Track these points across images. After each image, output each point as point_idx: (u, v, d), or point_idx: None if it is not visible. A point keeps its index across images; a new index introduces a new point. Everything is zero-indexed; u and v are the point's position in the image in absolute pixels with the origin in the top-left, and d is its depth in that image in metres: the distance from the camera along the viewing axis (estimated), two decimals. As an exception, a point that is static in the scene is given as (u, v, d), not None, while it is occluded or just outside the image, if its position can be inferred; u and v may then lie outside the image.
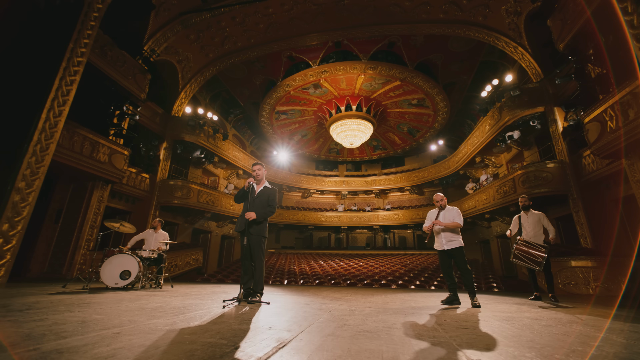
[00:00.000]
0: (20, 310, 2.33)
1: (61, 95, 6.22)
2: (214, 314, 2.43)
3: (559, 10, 7.15)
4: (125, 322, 1.98)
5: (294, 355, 1.31)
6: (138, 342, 1.45)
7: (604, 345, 1.59)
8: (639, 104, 5.32)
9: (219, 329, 1.79)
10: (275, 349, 1.38)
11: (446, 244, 3.85)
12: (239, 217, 3.65)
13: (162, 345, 1.40)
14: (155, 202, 11.34)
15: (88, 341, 1.45)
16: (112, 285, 4.72)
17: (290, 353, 1.34)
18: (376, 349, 1.42)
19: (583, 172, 8.35)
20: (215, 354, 1.28)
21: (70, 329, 1.70)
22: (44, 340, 1.45)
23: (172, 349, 1.33)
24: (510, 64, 12.24)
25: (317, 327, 1.98)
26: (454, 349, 1.46)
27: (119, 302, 3.10)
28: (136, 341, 1.46)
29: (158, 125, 11.90)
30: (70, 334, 1.58)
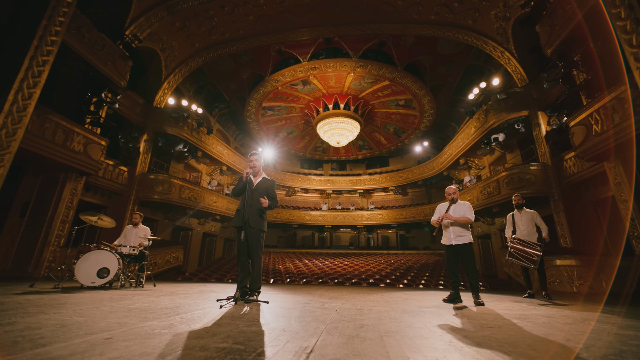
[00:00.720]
0: (-18, 312, 1.99)
1: (32, 76, 5.67)
2: (213, 314, 2.19)
3: (548, 16, 7.34)
4: (113, 325, 1.71)
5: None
6: (137, 349, 1.22)
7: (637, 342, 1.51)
8: (624, 109, 5.51)
9: (228, 332, 1.57)
10: (304, 355, 1.19)
11: (454, 238, 3.76)
12: (236, 212, 3.40)
13: (169, 353, 1.17)
14: (133, 196, 10.72)
15: (74, 349, 1.20)
16: (87, 284, 4.31)
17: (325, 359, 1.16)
18: (428, 355, 1.26)
19: (564, 175, 8.64)
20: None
21: (49, 335, 1.43)
22: (17, 349, 1.18)
23: (184, 358, 1.11)
24: (495, 69, 12.56)
25: (334, 327, 1.80)
26: (510, 350, 1.33)
27: (100, 302, 2.78)
28: (135, 348, 1.22)
29: (138, 116, 11.27)
30: (50, 341, 1.31)
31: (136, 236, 5.52)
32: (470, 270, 3.68)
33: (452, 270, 3.82)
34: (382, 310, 2.67)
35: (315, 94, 15.75)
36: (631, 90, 5.25)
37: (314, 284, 9.16)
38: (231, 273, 10.99)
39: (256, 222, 3.28)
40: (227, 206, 15.55)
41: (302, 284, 9.16)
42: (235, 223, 3.33)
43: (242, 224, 3.21)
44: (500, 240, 13.01)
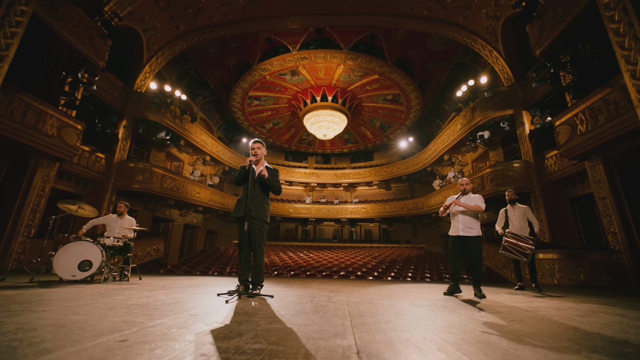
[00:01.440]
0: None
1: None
2: (223, 310, 2.05)
3: (538, 17, 7.50)
4: (120, 324, 1.54)
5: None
6: (164, 353, 1.07)
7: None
8: (609, 110, 5.75)
9: (254, 330, 1.44)
10: (355, 357, 1.09)
11: (462, 230, 3.74)
12: (237, 202, 3.22)
13: (206, 358, 1.03)
14: (111, 185, 10.14)
15: (90, 355, 1.03)
16: (67, 277, 4.00)
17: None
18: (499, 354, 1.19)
19: (545, 173, 9.00)
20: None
21: (50, 337, 1.25)
22: (19, 356, 1.01)
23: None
24: (482, 68, 12.83)
25: (360, 323, 1.71)
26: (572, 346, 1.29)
27: (90, 298, 2.55)
28: (161, 353, 1.08)
29: (117, 100, 10.60)
30: (55, 345, 1.14)
31: (121, 227, 5.19)
32: (476, 263, 3.69)
33: (454, 262, 3.82)
34: (393, 304, 2.62)
35: (304, 85, 15.48)
36: (617, 91, 5.47)
37: (302, 276, 9.09)
38: (215, 265, 10.71)
39: (259, 212, 3.12)
40: (210, 197, 15.12)
41: (289, 276, 9.07)
42: (236, 213, 3.15)
43: (244, 215, 3.05)
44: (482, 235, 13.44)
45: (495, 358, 1.10)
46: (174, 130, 12.18)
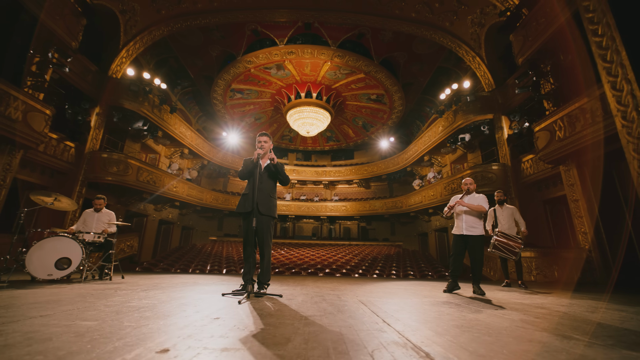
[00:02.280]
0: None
1: (-39, 20, 4.55)
2: (242, 312, 1.92)
3: (522, 27, 7.85)
4: (143, 329, 1.38)
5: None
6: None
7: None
8: (585, 118, 6.15)
9: (299, 334, 1.35)
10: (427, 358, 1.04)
11: (466, 229, 3.82)
12: (243, 197, 3.07)
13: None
14: (82, 177, 9.43)
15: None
16: (43, 277, 3.63)
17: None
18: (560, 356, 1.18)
19: (521, 175, 9.50)
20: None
21: (74, 349, 1.09)
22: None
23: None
24: (463, 72, 13.28)
25: (395, 320, 1.67)
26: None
27: (83, 300, 2.31)
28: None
29: (90, 85, 9.84)
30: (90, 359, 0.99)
31: (99, 222, 4.80)
32: (477, 261, 3.79)
33: (456, 260, 3.90)
34: (407, 302, 2.61)
35: (289, 80, 15.24)
36: (594, 101, 5.85)
37: (286, 274, 8.97)
38: (195, 263, 10.30)
39: (266, 207, 2.99)
40: (188, 192, 14.54)
41: (273, 274, 8.91)
42: (242, 209, 3.00)
43: (251, 210, 2.91)
44: (456, 234, 13.98)
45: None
46: (152, 120, 11.53)
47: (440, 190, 12.85)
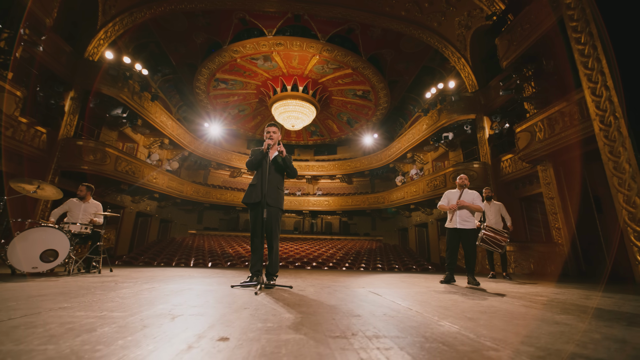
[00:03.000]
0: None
1: None
2: (269, 303, 1.91)
3: (507, 31, 8.18)
4: (193, 319, 1.35)
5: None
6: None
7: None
8: (564, 121, 6.55)
9: (346, 323, 1.37)
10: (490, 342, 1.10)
11: (460, 223, 3.99)
12: (250, 187, 3.02)
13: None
14: (54, 165, 8.84)
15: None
16: (27, 270, 3.40)
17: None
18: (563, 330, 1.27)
19: (500, 174, 9.98)
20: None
21: (131, 338, 1.04)
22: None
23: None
24: (447, 73, 13.67)
25: (423, 302, 1.73)
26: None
27: (89, 291, 2.19)
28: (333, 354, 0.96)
29: (64, 67, 9.19)
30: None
31: (85, 212, 4.54)
32: (471, 253, 3.97)
33: (451, 253, 4.06)
34: (421, 293, 2.70)
35: (275, 72, 15.01)
36: (572, 105, 6.25)
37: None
38: (178, 257, 10.00)
39: (275, 199, 2.96)
40: (168, 184, 14.05)
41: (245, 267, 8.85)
42: (250, 199, 2.96)
43: (259, 201, 2.87)
44: (436, 229, 14.51)
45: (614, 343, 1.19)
46: (132, 107, 10.97)
47: (422, 186, 13.23)
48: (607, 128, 4.90)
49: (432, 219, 15.00)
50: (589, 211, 7.22)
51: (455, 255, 4.10)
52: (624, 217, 4.62)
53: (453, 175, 11.01)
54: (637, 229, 4.43)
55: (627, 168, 4.57)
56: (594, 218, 7.15)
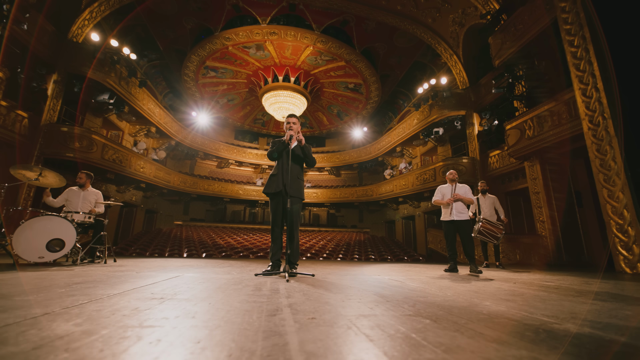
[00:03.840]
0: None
1: None
2: (305, 288, 1.98)
3: (501, 31, 8.43)
4: (260, 304, 1.40)
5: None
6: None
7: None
8: (553, 120, 6.90)
9: (409, 302, 1.46)
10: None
11: (455, 214, 4.20)
12: (271, 177, 3.04)
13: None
14: (37, 152, 8.42)
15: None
16: (34, 259, 3.29)
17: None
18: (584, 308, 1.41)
19: (488, 169, 10.39)
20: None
21: (224, 314, 1.09)
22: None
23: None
24: (438, 69, 13.92)
25: (450, 287, 1.85)
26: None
27: (120, 282, 2.18)
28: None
29: (46, 48, 8.68)
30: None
31: (85, 200, 4.41)
32: (468, 243, 4.19)
33: (451, 244, 4.28)
34: (433, 279, 2.85)
35: (267, 61, 14.76)
36: (561, 105, 6.59)
37: (267, 258, 8.98)
38: (169, 248, 9.83)
39: (295, 189, 3.01)
40: (156, 173, 13.69)
41: (255, 257, 8.87)
42: (271, 189, 2.99)
43: (279, 190, 2.91)
44: (423, 222, 14.96)
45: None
46: (119, 93, 10.53)
47: (412, 180, 13.55)
48: (596, 127, 5.23)
49: (419, 212, 15.43)
50: (570, 205, 7.70)
51: (454, 245, 4.31)
52: (608, 210, 4.98)
53: (443, 169, 11.36)
54: (620, 221, 4.80)
55: (613, 165, 4.92)
56: (575, 212, 7.64)
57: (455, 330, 0.97)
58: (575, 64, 5.59)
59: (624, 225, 4.75)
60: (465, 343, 0.82)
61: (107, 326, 0.91)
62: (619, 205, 4.82)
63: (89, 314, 1.06)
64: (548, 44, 7.07)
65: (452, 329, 0.97)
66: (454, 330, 0.96)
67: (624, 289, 2.40)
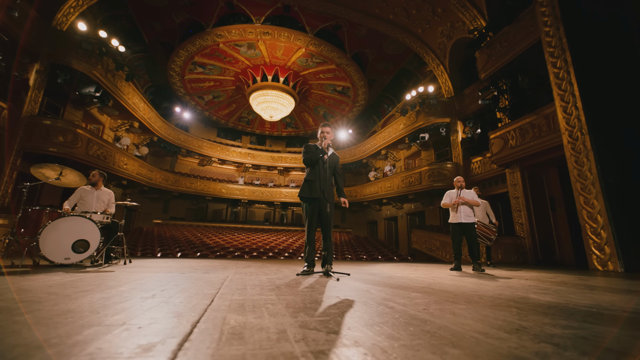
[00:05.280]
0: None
1: None
2: (366, 287, 2.20)
3: (487, 46, 9.09)
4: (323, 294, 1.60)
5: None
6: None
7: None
8: (534, 132, 7.59)
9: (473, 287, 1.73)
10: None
11: (464, 218, 4.60)
12: (308, 183, 3.22)
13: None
14: (17, 145, 7.91)
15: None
16: (60, 261, 3.23)
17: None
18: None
19: (470, 174, 11.11)
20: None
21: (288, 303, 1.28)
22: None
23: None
24: (423, 77, 14.60)
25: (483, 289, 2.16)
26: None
27: (171, 279, 2.28)
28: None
29: (29, 35, 8.14)
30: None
31: (99, 200, 4.31)
32: (474, 243, 4.61)
33: (457, 245, 4.67)
34: (449, 278, 3.17)
35: (257, 60, 14.70)
36: (541, 119, 7.28)
37: (264, 258, 9.03)
38: (157, 248, 9.58)
39: (330, 194, 3.22)
40: (138, 170, 13.22)
41: (248, 258, 8.90)
42: (308, 194, 3.17)
43: (317, 197, 3.11)
44: (406, 223, 15.61)
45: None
46: (105, 86, 10.08)
47: (397, 182, 14.10)
48: (574, 141, 5.88)
49: (402, 213, 16.07)
50: (545, 209, 8.49)
51: (460, 246, 4.72)
52: (584, 215, 5.63)
53: (429, 173, 11.97)
54: (594, 225, 5.46)
55: (589, 176, 5.57)
56: (549, 215, 8.44)
57: (566, 317, 1.24)
58: (558, 83, 6.23)
59: (597, 229, 5.41)
60: (593, 326, 1.09)
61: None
62: (594, 211, 5.48)
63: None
64: (531, 62, 7.76)
65: (564, 317, 1.24)
66: (565, 318, 1.23)
67: (617, 283, 2.85)
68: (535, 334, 0.96)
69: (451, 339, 0.88)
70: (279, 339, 0.83)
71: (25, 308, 1.14)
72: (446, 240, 9.59)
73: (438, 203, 12.78)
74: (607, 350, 0.81)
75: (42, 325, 0.91)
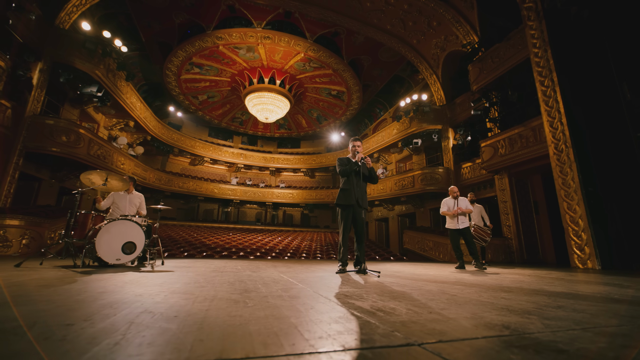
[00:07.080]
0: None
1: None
2: (393, 280, 2.62)
3: (479, 60, 9.78)
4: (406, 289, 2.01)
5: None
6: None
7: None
8: (522, 142, 8.31)
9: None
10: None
11: (460, 224, 5.16)
12: (344, 191, 3.60)
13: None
14: (20, 145, 7.81)
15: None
16: (112, 261, 3.46)
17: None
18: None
19: (461, 178, 11.83)
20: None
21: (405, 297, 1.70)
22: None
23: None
24: (415, 84, 15.29)
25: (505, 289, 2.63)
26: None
27: (240, 281, 2.61)
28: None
29: (33, 33, 8.06)
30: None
31: (131, 203, 4.51)
32: (472, 245, 5.16)
33: (457, 247, 5.24)
34: (465, 275, 3.65)
35: (255, 63, 14.89)
36: (529, 130, 7.99)
37: (268, 258, 9.31)
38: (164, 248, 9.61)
39: (364, 202, 3.61)
40: (134, 170, 13.14)
41: (256, 257, 9.15)
42: (345, 201, 3.55)
43: (353, 204, 3.51)
44: (397, 224, 16.25)
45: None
46: (106, 86, 10.03)
47: (390, 185, 14.68)
48: (560, 153, 6.58)
49: (393, 215, 16.71)
50: (529, 213, 9.27)
51: (460, 248, 5.28)
52: (567, 219, 6.33)
53: (421, 177, 12.61)
54: (575, 228, 6.16)
55: (572, 184, 6.27)
56: (533, 218, 9.22)
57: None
58: (545, 100, 6.93)
59: (578, 231, 6.11)
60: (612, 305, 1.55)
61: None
62: (576, 215, 6.18)
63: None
64: (520, 77, 8.48)
65: (592, 302, 1.70)
66: (592, 304, 1.69)
67: (603, 280, 3.42)
68: (524, 300, 1.40)
69: (470, 301, 1.30)
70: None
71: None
72: (439, 241, 10.22)
73: (429, 205, 13.51)
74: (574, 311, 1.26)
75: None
